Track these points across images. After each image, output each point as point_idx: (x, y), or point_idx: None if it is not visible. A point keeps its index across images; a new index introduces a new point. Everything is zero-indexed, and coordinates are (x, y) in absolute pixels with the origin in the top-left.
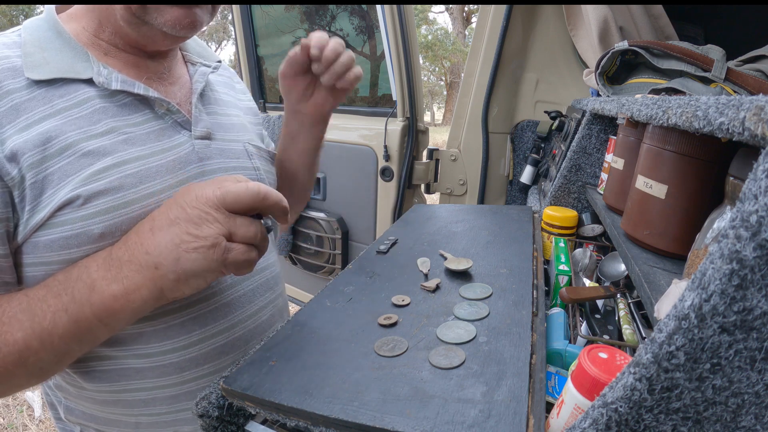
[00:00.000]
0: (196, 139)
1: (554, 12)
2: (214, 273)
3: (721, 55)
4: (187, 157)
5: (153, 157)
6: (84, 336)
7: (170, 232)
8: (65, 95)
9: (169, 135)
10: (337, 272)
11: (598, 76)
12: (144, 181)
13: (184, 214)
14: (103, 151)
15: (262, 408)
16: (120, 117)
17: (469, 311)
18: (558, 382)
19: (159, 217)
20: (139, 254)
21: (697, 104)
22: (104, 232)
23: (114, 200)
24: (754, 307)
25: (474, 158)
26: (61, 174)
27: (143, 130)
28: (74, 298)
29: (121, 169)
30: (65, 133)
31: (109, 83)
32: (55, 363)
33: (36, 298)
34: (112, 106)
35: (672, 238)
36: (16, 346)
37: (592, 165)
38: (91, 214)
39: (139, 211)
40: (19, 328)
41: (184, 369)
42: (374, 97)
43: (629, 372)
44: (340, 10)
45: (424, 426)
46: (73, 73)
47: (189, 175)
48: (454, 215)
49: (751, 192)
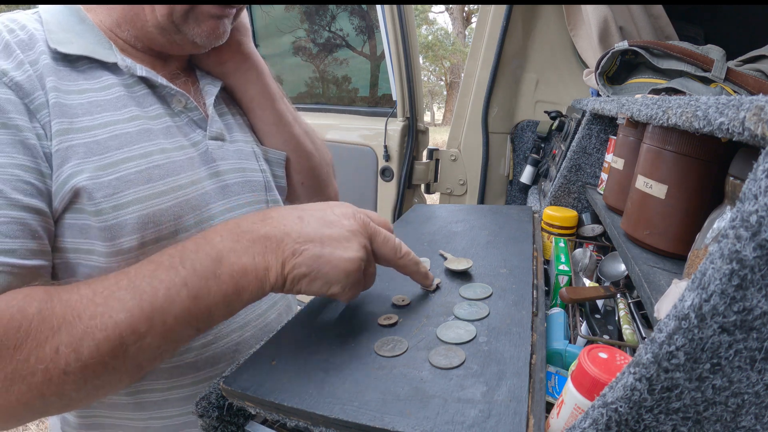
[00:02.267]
0: (210, 139)
1: (554, 12)
2: (341, 287)
3: (721, 55)
4: (203, 156)
5: (175, 152)
6: (202, 319)
7: (321, 230)
8: (90, 78)
9: (186, 132)
10: None
11: (598, 76)
12: (170, 174)
13: (340, 224)
14: (130, 139)
15: (262, 408)
16: (142, 108)
17: (469, 311)
18: (558, 382)
19: (311, 211)
20: (280, 233)
21: (697, 104)
22: (135, 223)
23: (141, 191)
24: (754, 307)
25: (474, 158)
26: (86, 150)
27: (161, 124)
28: (196, 271)
29: (148, 160)
30: (91, 113)
31: (134, 69)
32: (157, 355)
33: (141, 276)
34: (136, 96)
35: (672, 238)
36: (117, 330)
37: (592, 165)
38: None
39: (170, 203)
40: (122, 308)
41: (200, 369)
42: (374, 97)
43: (629, 372)
44: (340, 10)
45: (424, 426)
46: (98, 54)
47: (208, 173)
48: (454, 215)
49: (751, 192)
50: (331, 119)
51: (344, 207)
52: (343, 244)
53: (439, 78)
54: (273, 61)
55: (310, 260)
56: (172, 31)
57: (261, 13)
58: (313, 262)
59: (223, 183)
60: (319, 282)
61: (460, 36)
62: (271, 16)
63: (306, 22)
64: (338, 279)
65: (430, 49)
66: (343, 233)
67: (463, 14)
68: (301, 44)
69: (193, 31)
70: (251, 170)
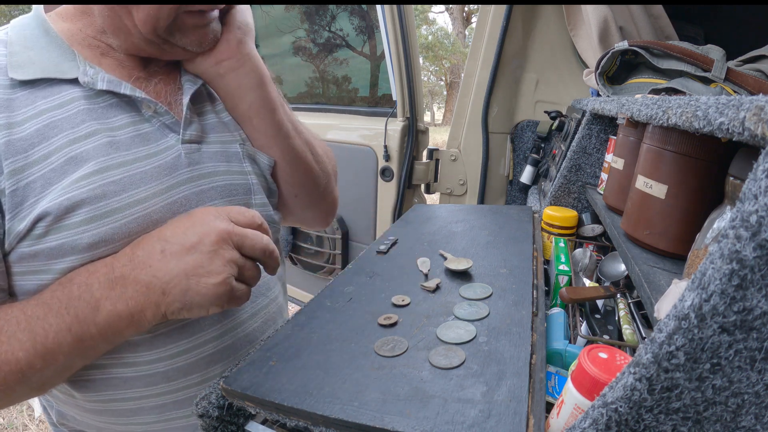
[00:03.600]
0: (184, 143)
1: (554, 12)
2: (217, 307)
3: (721, 55)
4: (174, 162)
5: (138, 163)
6: (88, 352)
7: (183, 261)
8: (49, 96)
9: (156, 139)
10: (337, 272)
11: (598, 76)
12: (127, 189)
13: (201, 246)
14: (86, 156)
15: (262, 408)
16: (105, 119)
17: (469, 311)
18: (558, 382)
19: (172, 240)
20: (147, 276)
21: (697, 104)
22: (91, 242)
23: (96, 209)
24: (754, 307)
25: (474, 158)
26: (44, 182)
27: (128, 133)
28: (78, 318)
29: (103, 176)
30: (48, 139)
31: (94, 83)
32: (57, 377)
33: (35, 317)
34: (98, 108)
35: (672, 238)
36: (18, 365)
37: (592, 165)
38: (74, 224)
39: (125, 220)
40: (20, 348)
41: (172, 378)
42: (374, 97)
43: (629, 372)
44: (340, 10)
45: (424, 426)
46: (58, 72)
47: (177, 181)
48: (454, 215)
49: (751, 192)
50: (331, 119)
51: (205, 222)
52: (208, 268)
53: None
54: (273, 61)
55: (180, 296)
56: (159, 42)
57: (261, 13)
58: (183, 297)
59: (198, 189)
60: (196, 310)
61: (460, 36)
62: (271, 16)
63: (306, 22)
64: (212, 302)
65: (430, 49)
66: (205, 258)
67: (463, 14)
68: (301, 44)
69: (182, 41)
70: (233, 173)
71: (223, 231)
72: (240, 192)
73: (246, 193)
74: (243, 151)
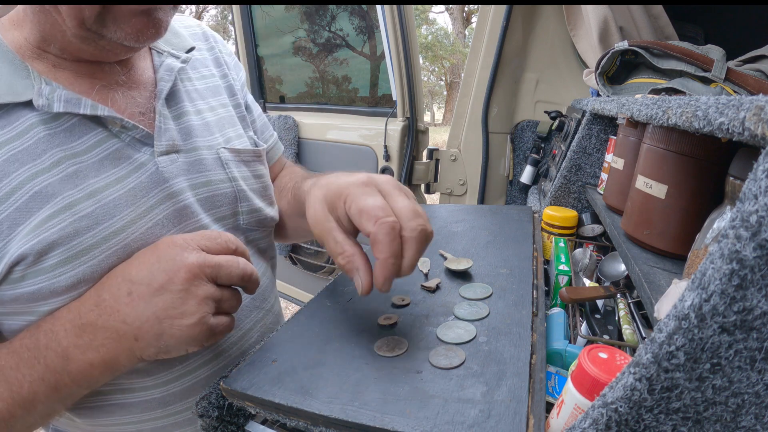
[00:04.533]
0: (159, 155)
1: (554, 12)
2: (196, 347)
3: (721, 55)
4: (149, 180)
5: (109, 190)
6: (66, 398)
7: (153, 303)
8: (6, 126)
9: (128, 156)
10: (337, 272)
11: (598, 76)
12: (101, 221)
13: (171, 285)
14: (51, 190)
15: (262, 408)
16: (68, 144)
17: (469, 311)
18: (558, 382)
19: (139, 281)
20: (116, 322)
21: (697, 104)
22: (70, 284)
23: (70, 249)
24: (754, 307)
25: (474, 158)
26: (10, 223)
27: (96, 155)
28: (48, 367)
29: (72, 212)
30: (8, 175)
31: (50, 105)
32: (42, 420)
33: (8, 367)
34: (59, 132)
35: (672, 238)
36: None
37: (592, 165)
38: (50, 267)
39: (102, 256)
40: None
41: (168, 403)
42: (374, 97)
43: (629, 372)
44: (340, 10)
45: (424, 426)
46: (11, 95)
47: (154, 201)
48: (454, 215)
49: (751, 192)
50: (331, 119)
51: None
52: (181, 309)
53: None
54: (273, 61)
55: (154, 341)
56: (93, 38)
57: (261, 13)
58: (157, 341)
59: (180, 205)
60: (174, 351)
61: (460, 36)
62: (271, 16)
63: (306, 22)
64: (189, 343)
65: (430, 49)
66: (176, 298)
67: (463, 14)
68: (301, 44)
69: (117, 35)
70: (216, 182)
71: (194, 265)
72: (225, 202)
73: (232, 202)
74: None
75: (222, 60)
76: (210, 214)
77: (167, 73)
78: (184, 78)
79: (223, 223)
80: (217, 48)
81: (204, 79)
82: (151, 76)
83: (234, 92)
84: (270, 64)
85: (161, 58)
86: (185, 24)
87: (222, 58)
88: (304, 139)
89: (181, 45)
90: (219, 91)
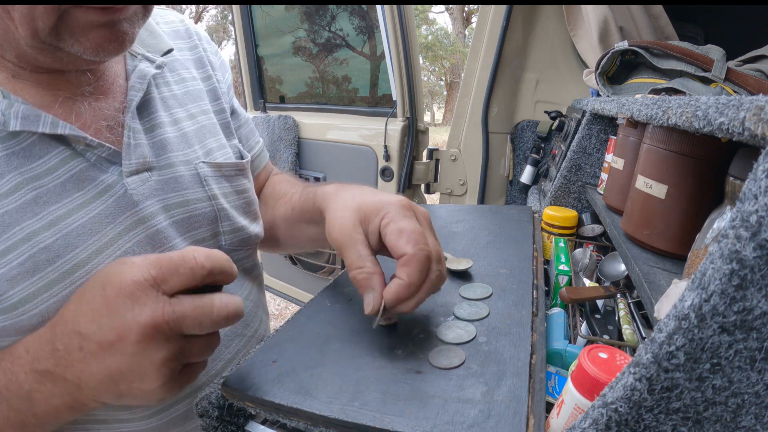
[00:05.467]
0: (128, 176)
1: (554, 12)
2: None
3: (721, 55)
4: (116, 204)
5: (71, 217)
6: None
7: (105, 364)
8: None
9: (93, 178)
10: (337, 272)
11: (598, 76)
12: (63, 254)
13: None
14: (9, 220)
15: (262, 408)
16: (27, 166)
17: (469, 311)
18: (558, 382)
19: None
20: (73, 376)
21: (697, 104)
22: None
23: (31, 285)
24: (754, 307)
25: (474, 158)
26: None
27: (57, 178)
28: (12, 408)
29: (32, 243)
30: None
31: (5, 123)
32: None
33: None
34: (18, 151)
35: (672, 238)
36: None
37: (592, 165)
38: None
39: (66, 291)
40: None
41: None
42: (374, 97)
43: (629, 372)
44: (340, 10)
45: (424, 426)
46: None
47: (120, 229)
48: (454, 215)
49: (751, 192)
50: (331, 119)
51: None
52: (137, 372)
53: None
54: (273, 61)
55: (114, 399)
56: (49, 49)
57: (261, 13)
58: (118, 400)
59: (152, 230)
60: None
61: (460, 36)
62: (271, 16)
63: (306, 22)
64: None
65: (430, 49)
66: (130, 361)
67: (463, 14)
68: (301, 44)
69: (75, 48)
70: (193, 201)
71: (147, 325)
72: (204, 222)
73: (212, 222)
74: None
75: (206, 60)
76: (187, 237)
77: (139, 81)
78: (161, 83)
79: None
80: (201, 46)
81: (183, 82)
82: (123, 84)
83: (218, 96)
84: (270, 64)
85: (134, 62)
86: (166, 20)
87: (206, 58)
88: (304, 139)
89: (157, 47)
90: (200, 96)
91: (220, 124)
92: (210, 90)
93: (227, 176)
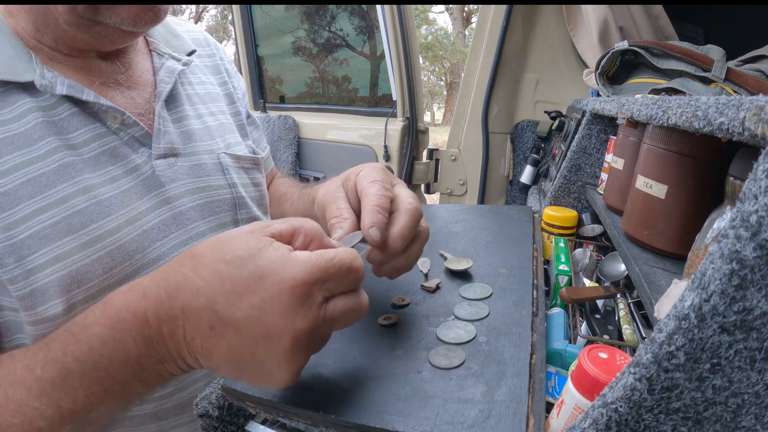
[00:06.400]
0: (157, 158)
1: (554, 12)
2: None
3: (721, 55)
4: (145, 183)
5: (104, 187)
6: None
7: (238, 352)
8: (2, 108)
9: (125, 155)
10: None
11: (598, 76)
12: (96, 219)
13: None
14: (46, 181)
15: (262, 408)
16: (65, 134)
17: (469, 311)
18: (558, 382)
19: (227, 320)
20: (188, 353)
21: (697, 104)
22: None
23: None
24: (754, 307)
25: (474, 158)
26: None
27: (92, 150)
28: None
29: (66, 206)
30: (2, 155)
31: (53, 87)
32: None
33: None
34: (57, 120)
35: (672, 238)
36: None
37: (592, 165)
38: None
39: (96, 255)
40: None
41: (162, 418)
42: (374, 97)
43: (629, 372)
44: (340, 10)
45: (424, 426)
46: (11, 74)
47: (150, 205)
48: (454, 215)
49: (751, 192)
50: (331, 119)
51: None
52: (271, 368)
53: (439, 78)
54: (273, 61)
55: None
56: (88, 24)
57: (261, 13)
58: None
59: (176, 211)
60: None
61: (460, 36)
62: (271, 16)
63: (306, 22)
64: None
65: (430, 49)
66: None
67: (463, 14)
68: (301, 44)
69: (113, 19)
70: (216, 187)
71: (302, 332)
72: (224, 208)
73: (231, 209)
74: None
75: (222, 67)
76: (208, 221)
77: (168, 75)
78: (185, 81)
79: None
80: (217, 55)
81: (203, 84)
82: (151, 78)
83: (233, 100)
84: (270, 64)
85: (161, 60)
86: (187, 28)
87: (222, 66)
88: (304, 139)
89: (182, 48)
90: (218, 98)
91: (235, 125)
92: (226, 94)
93: (245, 168)
